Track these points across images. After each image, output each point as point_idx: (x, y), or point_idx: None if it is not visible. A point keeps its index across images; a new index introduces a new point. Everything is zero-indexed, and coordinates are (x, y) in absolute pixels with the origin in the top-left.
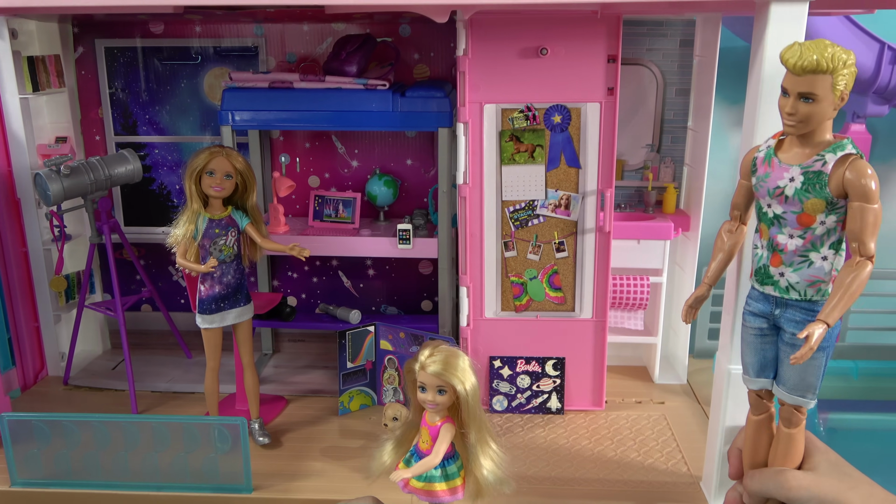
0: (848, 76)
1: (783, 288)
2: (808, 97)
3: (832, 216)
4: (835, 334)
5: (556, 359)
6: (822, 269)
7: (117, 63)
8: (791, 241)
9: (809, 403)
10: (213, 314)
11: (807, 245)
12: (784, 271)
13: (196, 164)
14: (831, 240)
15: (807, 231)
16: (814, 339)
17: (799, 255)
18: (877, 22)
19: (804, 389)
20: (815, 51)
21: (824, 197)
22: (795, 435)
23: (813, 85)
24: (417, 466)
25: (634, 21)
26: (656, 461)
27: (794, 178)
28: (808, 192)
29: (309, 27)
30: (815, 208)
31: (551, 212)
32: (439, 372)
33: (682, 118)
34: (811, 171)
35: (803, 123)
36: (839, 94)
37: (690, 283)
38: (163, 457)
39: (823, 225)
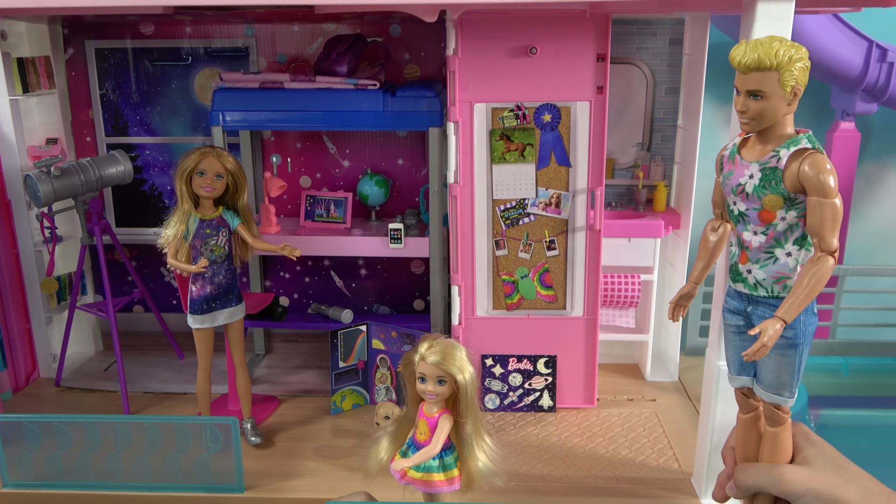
0: (798, 71)
1: (752, 285)
2: (756, 94)
3: (792, 212)
4: (808, 331)
5: (547, 357)
6: (787, 266)
7: (108, 64)
8: (755, 237)
9: (787, 402)
10: (204, 314)
11: (770, 241)
12: (751, 268)
13: (187, 165)
14: (794, 235)
15: (769, 227)
16: (766, 335)
17: (764, 251)
18: (865, 20)
19: (780, 388)
20: (759, 49)
21: (780, 193)
22: (780, 434)
23: (759, 82)
24: (417, 456)
25: (624, 20)
26: (647, 458)
27: (753, 174)
28: (765, 188)
29: (299, 27)
30: (774, 204)
31: (542, 210)
32: (439, 362)
33: (671, 117)
34: (767, 168)
35: (756, 121)
36: (790, 90)
37: (681, 280)
38: (155, 457)
39: (784, 221)
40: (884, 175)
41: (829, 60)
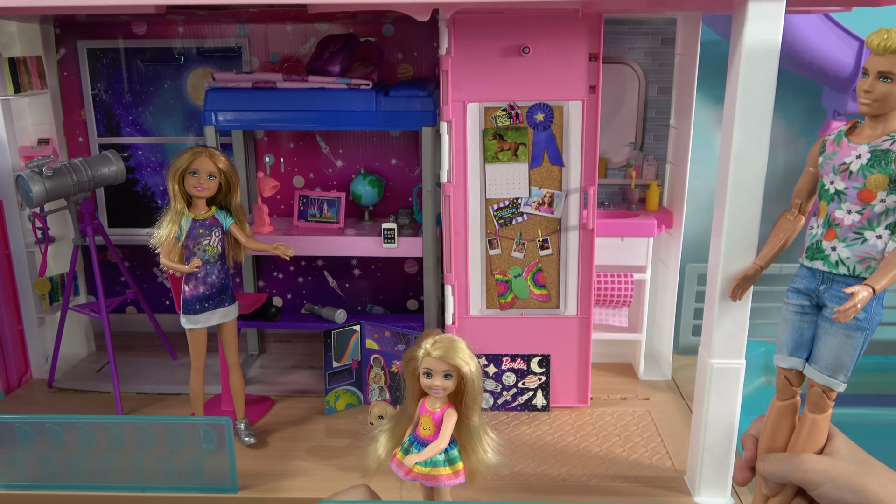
0: None
1: (833, 262)
2: (887, 76)
3: (893, 195)
4: (876, 320)
5: (541, 356)
6: (875, 247)
7: (100, 64)
8: (848, 216)
9: (840, 386)
10: (197, 314)
11: (863, 222)
12: (836, 245)
13: (179, 165)
14: (889, 220)
15: (865, 207)
16: (858, 297)
17: (854, 231)
18: (855, 20)
19: (836, 369)
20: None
21: (888, 173)
22: (820, 422)
23: (893, 65)
24: (427, 451)
25: (616, 20)
26: (641, 456)
27: (861, 155)
28: (872, 167)
29: (292, 27)
30: (878, 184)
31: (535, 210)
32: (445, 356)
33: (664, 116)
34: (879, 150)
35: (878, 103)
36: None
37: (674, 279)
38: (148, 457)
39: (883, 203)
40: None
41: (820, 60)
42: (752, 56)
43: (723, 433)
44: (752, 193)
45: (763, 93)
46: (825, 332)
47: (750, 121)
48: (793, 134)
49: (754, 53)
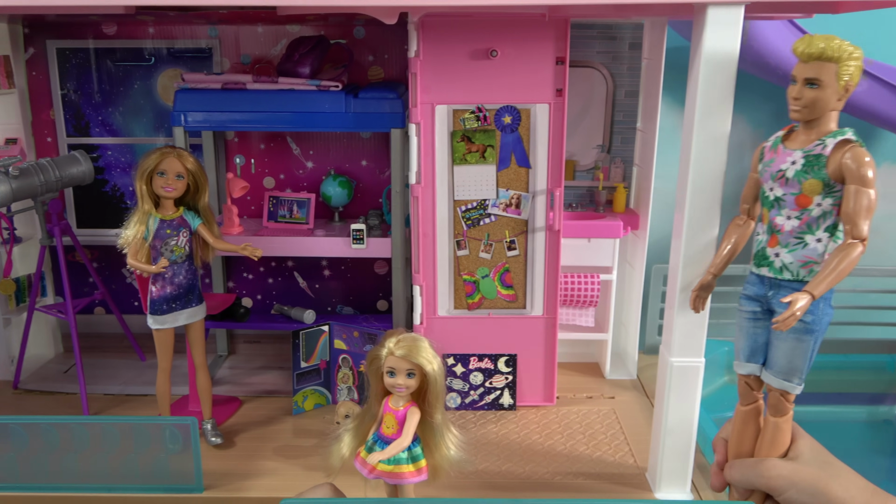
0: (853, 69)
1: (777, 268)
2: (813, 83)
3: (828, 199)
4: (825, 321)
5: (508, 356)
6: (816, 251)
7: (69, 64)
8: (788, 222)
9: (795, 389)
10: (164, 315)
11: (802, 227)
12: (779, 252)
13: (147, 165)
14: (827, 223)
15: (803, 212)
16: (797, 305)
17: (794, 236)
18: (820, 27)
19: (790, 373)
20: (823, 40)
21: (821, 178)
22: (782, 424)
23: (818, 71)
24: (390, 449)
25: (584, 24)
26: (604, 454)
27: (796, 161)
28: (806, 172)
29: (263, 29)
30: (813, 189)
31: (502, 211)
32: (408, 354)
33: (631, 119)
34: (812, 154)
35: (808, 109)
36: (843, 85)
37: (640, 280)
38: (113, 458)
39: (820, 207)
40: None
41: (786, 65)
42: (711, 61)
43: (682, 430)
44: (711, 195)
45: (722, 97)
46: (776, 338)
47: (709, 124)
48: (759, 137)
49: (713, 58)
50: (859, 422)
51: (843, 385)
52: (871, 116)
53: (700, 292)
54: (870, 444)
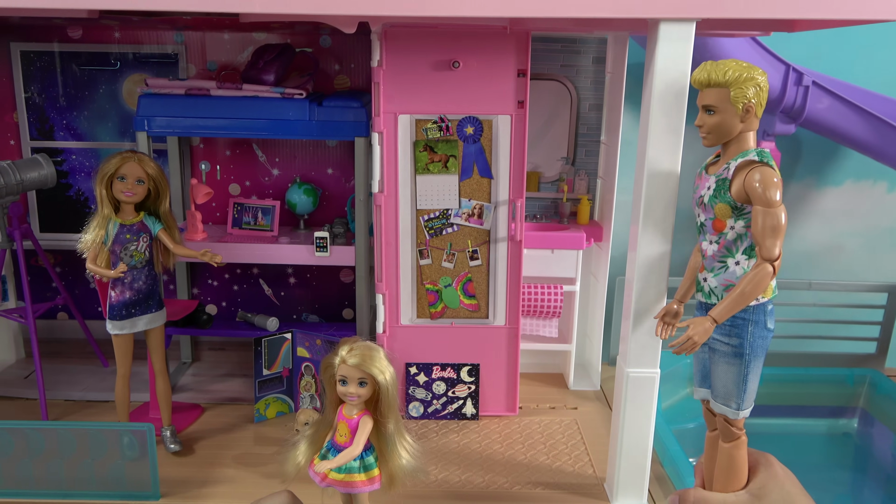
0: (751, 91)
1: (706, 293)
2: (709, 109)
3: (740, 221)
4: (757, 344)
5: (470, 365)
6: (735, 274)
7: (34, 67)
8: (710, 246)
9: (735, 414)
10: (123, 320)
11: (722, 250)
12: (707, 277)
13: (107, 169)
14: (743, 245)
15: (720, 236)
16: (693, 330)
17: (717, 260)
18: (781, 44)
19: (727, 397)
20: (712, 68)
21: (727, 202)
22: (732, 451)
23: (711, 97)
24: (340, 457)
25: (549, 38)
26: (564, 464)
27: (710, 186)
28: (716, 197)
29: (230, 36)
30: (724, 213)
31: (465, 221)
32: (360, 363)
33: (595, 132)
34: (720, 178)
35: (712, 135)
36: (741, 107)
37: (603, 291)
38: (68, 464)
39: (733, 230)
40: (808, 195)
41: None
42: (663, 76)
43: (639, 440)
44: (665, 208)
45: (674, 111)
46: (712, 362)
47: (662, 138)
48: None
49: (666, 73)
50: (819, 435)
51: (804, 398)
52: (832, 134)
53: (665, 318)
54: (829, 458)
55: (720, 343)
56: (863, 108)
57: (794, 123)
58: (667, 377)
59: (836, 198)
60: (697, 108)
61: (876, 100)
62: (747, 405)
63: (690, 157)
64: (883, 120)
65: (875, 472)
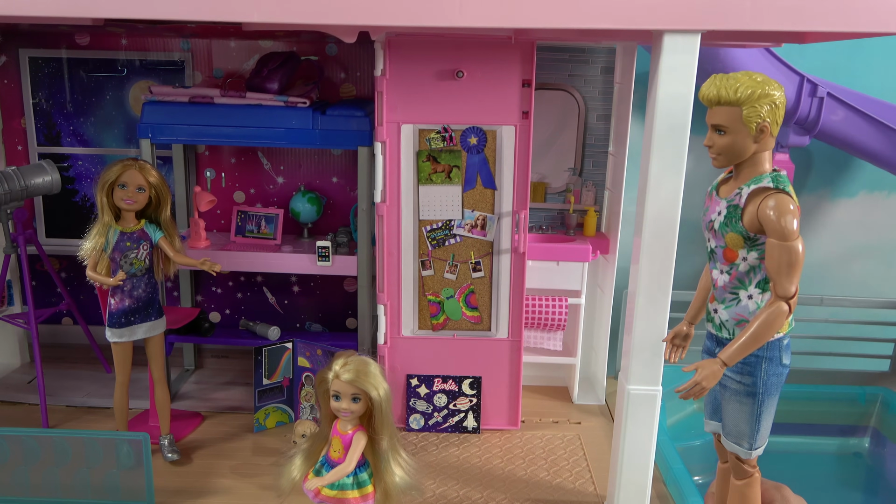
0: (766, 109)
1: (717, 325)
2: (719, 129)
3: (753, 252)
4: (771, 381)
5: (472, 378)
6: (747, 308)
7: (42, 73)
8: (721, 276)
9: (747, 454)
10: (122, 328)
11: (734, 282)
12: (717, 308)
13: (108, 177)
14: (757, 278)
15: (732, 267)
16: (701, 374)
17: (729, 291)
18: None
19: (739, 437)
20: (722, 83)
21: (739, 231)
22: (744, 489)
23: (721, 117)
24: (332, 474)
25: (556, 47)
26: (564, 480)
27: (721, 211)
28: (727, 225)
29: (236, 43)
30: (736, 243)
31: (468, 232)
32: (353, 379)
33: (603, 143)
34: (732, 205)
35: (723, 156)
36: (755, 127)
37: (609, 304)
38: (64, 472)
39: (746, 261)
40: (821, 206)
41: None
42: (667, 88)
43: (640, 459)
44: (668, 221)
45: (678, 123)
46: (723, 399)
47: (666, 150)
48: None
49: (670, 85)
50: (829, 454)
51: (814, 416)
52: (847, 146)
53: (675, 341)
54: (840, 478)
55: (731, 381)
56: (879, 120)
57: (808, 135)
58: (672, 393)
59: (850, 209)
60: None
61: (893, 111)
62: (760, 444)
63: (703, 168)
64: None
65: (887, 494)
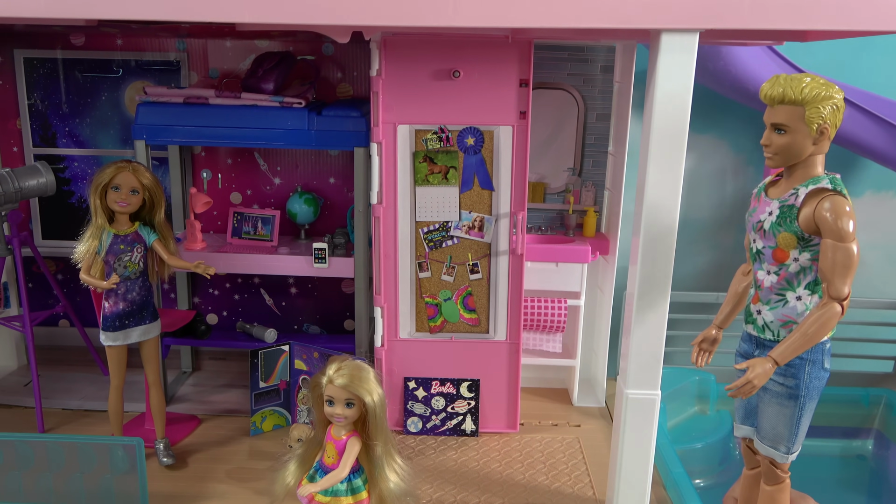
0: (827, 111)
1: (760, 327)
2: (779, 128)
3: (805, 253)
4: (813, 385)
5: (470, 380)
6: (796, 310)
7: (37, 74)
8: (768, 277)
9: (783, 458)
10: (116, 331)
11: (782, 283)
12: (761, 309)
13: (101, 179)
14: (807, 279)
15: (781, 268)
16: (753, 372)
17: (775, 292)
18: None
19: (776, 440)
20: (787, 83)
21: (794, 231)
22: (775, 494)
23: (784, 116)
24: (325, 480)
25: (555, 46)
26: (563, 484)
27: (773, 211)
28: (780, 225)
29: (231, 43)
30: (788, 243)
31: (465, 233)
32: (347, 384)
33: (603, 143)
34: (786, 205)
35: (779, 156)
36: (815, 128)
37: (609, 306)
38: (57, 477)
39: (797, 262)
40: None
41: None
42: (665, 86)
43: (638, 464)
44: (667, 222)
45: (677, 122)
46: (761, 401)
47: (664, 150)
48: (741, 163)
49: (668, 84)
50: (833, 456)
51: (817, 418)
52: (853, 145)
53: (702, 345)
54: (843, 480)
55: (773, 383)
56: (884, 119)
57: None
58: (674, 395)
59: (856, 209)
60: (765, 124)
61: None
62: (796, 448)
63: (708, 165)
64: None
65: (890, 496)
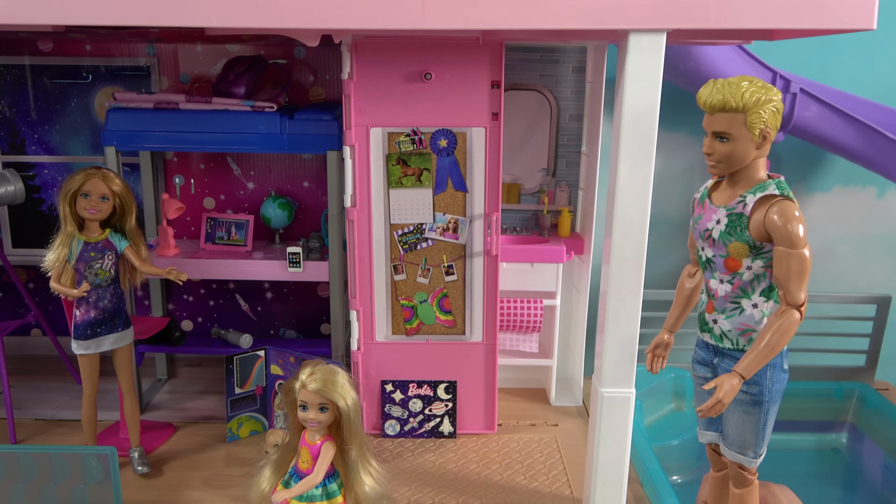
0: (767, 114)
1: (717, 336)
2: (722, 136)
3: (758, 261)
4: (775, 388)
5: (447, 382)
6: (753, 318)
7: (4, 80)
8: (721, 286)
9: (750, 462)
10: (88, 340)
11: (736, 291)
12: (717, 318)
13: (70, 186)
14: (761, 286)
15: (735, 276)
16: (722, 390)
17: (730, 301)
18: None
19: (743, 446)
20: (726, 89)
21: (745, 240)
22: (745, 497)
23: (725, 124)
24: (299, 486)
25: (527, 47)
26: (541, 484)
27: (720, 220)
28: (730, 234)
29: (202, 48)
30: (739, 252)
31: (440, 235)
32: (320, 389)
33: (576, 143)
34: (734, 213)
35: (723, 164)
36: (758, 133)
37: (585, 305)
38: (29, 488)
39: (750, 270)
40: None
41: None
42: (634, 86)
43: (614, 462)
44: (638, 221)
45: (646, 122)
46: (725, 409)
47: (634, 150)
48: None
49: (637, 84)
50: (807, 450)
51: (791, 413)
52: (821, 142)
53: (656, 351)
54: (818, 474)
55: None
56: (852, 116)
57: (781, 132)
58: (650, 392)
59: (825, 204)
60: (705, 130)
61: (866, 107)
62: (763, 451)
63: (679, 163)
64: (872, 128)
65: (864, 489)
